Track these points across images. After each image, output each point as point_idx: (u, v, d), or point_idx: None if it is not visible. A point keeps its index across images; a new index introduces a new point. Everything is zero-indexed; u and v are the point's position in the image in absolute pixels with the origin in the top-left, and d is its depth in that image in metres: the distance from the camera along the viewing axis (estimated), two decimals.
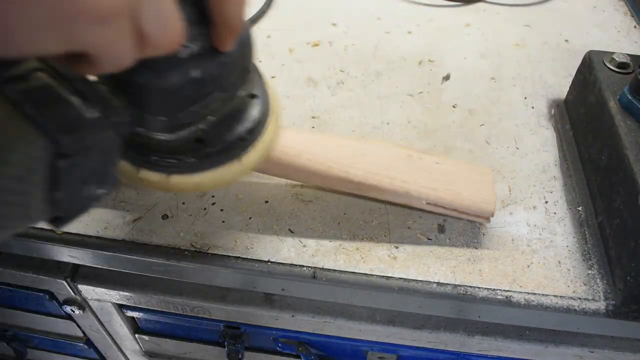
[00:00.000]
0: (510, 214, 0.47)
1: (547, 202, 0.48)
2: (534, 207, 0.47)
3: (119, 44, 0.21)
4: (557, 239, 0.45)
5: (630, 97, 0.44)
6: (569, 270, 0.43)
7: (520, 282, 0.42)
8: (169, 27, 0.23)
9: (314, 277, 0.42)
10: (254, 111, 0.34)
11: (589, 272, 0.43)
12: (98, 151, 0.26)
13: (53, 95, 0.25)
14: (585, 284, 0.42)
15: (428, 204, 0.44)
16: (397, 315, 0.48)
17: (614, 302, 0.41)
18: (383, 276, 0.42)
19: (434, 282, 0.42)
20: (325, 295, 0.44)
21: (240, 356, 0.57)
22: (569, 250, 0.44)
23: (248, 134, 0.34)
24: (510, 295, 0.41)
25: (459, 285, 0.42)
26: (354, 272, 0.42)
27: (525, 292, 0.41)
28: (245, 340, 0.56)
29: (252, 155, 0.35)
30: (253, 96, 0.35)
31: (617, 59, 0.50)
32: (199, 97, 0.30)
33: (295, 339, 0.55)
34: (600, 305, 0.41)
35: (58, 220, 0.26)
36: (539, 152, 0.53)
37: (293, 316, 0.49)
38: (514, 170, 0.51)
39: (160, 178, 0.34)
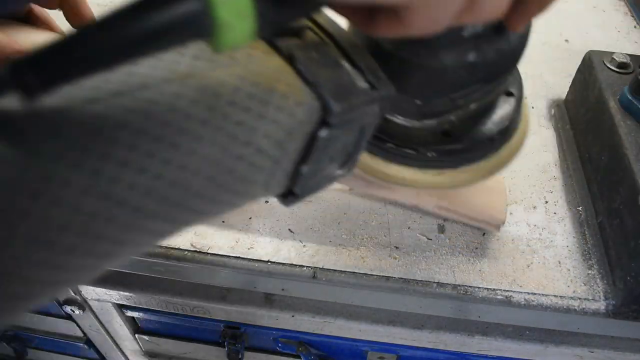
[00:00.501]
0: (510, 214, 0.47)
1: (547, 202, 0.48)
2: (534, 207, 0.47)
3: (452, 1, 0.19)
4: (557, 239, 0.45)
5: (630, 97, 0.44)
6: (569, 270, 0.43)
7: (520, 282, 0.42)
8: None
9: (314, 277, 0.42)
10: (509, 110, 0.30)
11: (589, 272, 0.43)
12: (357, 127, 0.23)
13: (327, 56, 0.22)
14: (585, 284, 0.42)
15: (438, 208, 0.43)
16: (397, 315, 0.48)
17: (614, 302, 0.41)
18: (383, 276, 0.42)
19: (434, 282, 0.42)
20: (325, 295, 0.44)
21: (240, 356, 0.57)
22: (569, 250, 0.44)
23: (499, 134, 0.30)
24: (510, 295, 0.41)
25: (459, 285, 0.42)
26: (354, 272, 0.42)
27: (525, 292, 0.41)
28: (245, 340, 0.56)
29: (498, 158, 0.31)
30: (510, 94, 0.31)
31: (617, 59, 0.50)
32: (464, 84, 0.26)
33: (295, 339, 0.55)
34: (600, 305, 0.41)
35: (289, 196, 0.23)
36: (539, 152, 0.53)
37: (293, 316, 0.49)
38: (514, 170, 0.51)
39: (391, 169, 0.30)
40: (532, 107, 0.58)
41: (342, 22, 0.24)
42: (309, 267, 0.42)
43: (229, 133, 0.19)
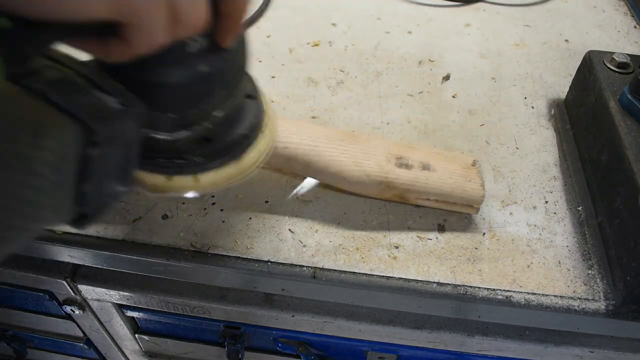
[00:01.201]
0: (510, 214, 0.47)
1: (547, 202, 0.48)
2: (534, 207, 0.47)
3: (157, 14, 0.23)
4: (557, 239, 0.45)
5: (630, 97, 0.44)
6: (569, 270, 0.43)
7: (520, 282, 0.42)
8: (198, 8, 0.25)
9: (314, 277, 0.42)
10: (253, 110, 0.36)
11: (589, 272, 0.43)
12: (122, 142, 0.26)
13: (76, 85, 0.25)
14: (585, 284, 0.42)
15: (408, 190, 0.44)
16: (397, 315, 0.48)
17: (614, 302, 0.41)
18: (383, 276, 0.42)
19: (434, 282, 0.42)
20: (325, 295, 0.44)
21: (240, 356, 0.57)
22: (569, 250, 0.44)
23: (250, 131, 0.35)
24: (510, 295, 0.41)
25: (459, 285, 0.42)
26: (354, 272, 0.42)
27: (525, 292, 0.41)
28: (245, 340, 0.56)
29: (253, 154, 0.36)
30: (250, 96, 0.36)
31: (617, 59, 0.50)
32: (205, 93, 0.31)
33: (295, 339, 0.55)
34: (600, 305, 0.41)
35: (82, 219, 0.26)
36: (539, 152, 0.53)
37: (293, 316, 0.49)
38: (514, 170, 0.51)
39: (164, 180, 0.34)
40: (532, 107, 0.58)
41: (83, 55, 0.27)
42: (309, 267, 0.42)
43: (8, 164, 0.21)
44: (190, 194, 0.35)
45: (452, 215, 0.46)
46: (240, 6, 0.28)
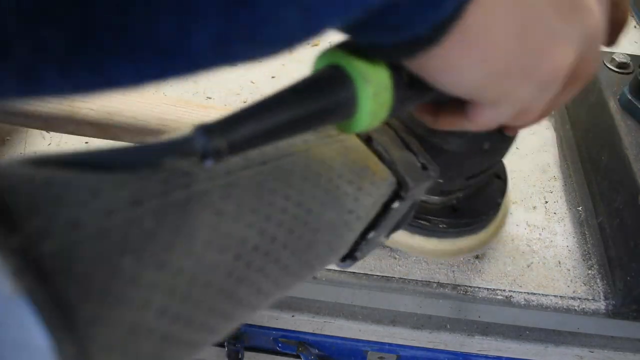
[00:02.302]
0: (511, 214, 0.47)
1: (547, 202, 0.48)
2: (534, 207, 0.47)
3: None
4: (557, 239, 0.45)
5: (630, 97, 0.44)
6: (569, 270, 0.43)
7: (520, 282, 0.42)
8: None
9: (314, 277, 0.42)
10: (498, 191, 0.37)
11: (589, 272, 0.43)
12: (412, 201, 0.26)
13: (393, 139, 0.26)
14: (585, 284, 0.42)
15: None
16: (397, 315, 0.48)
17: (614, 302, 0.41)
18: (383, 276, 0.42)
19: (434, 282, 0.42)
20: (325, 295, 0.44)
21: (240, 356, 0.57)
22: (569, 250, 0.44)
23: (491, 211, 0.36)
24: (510, 295, 0.41)
25: (459, 285, 0.42)
26: (354, 272, 0.42)
27: (525, 292, 0.41)
28: (245, 340, 0.56)
29: (490, 230, 0.37)
30: (498, 177, 0.37)
31: (617, 59, 0.50)
32: (477, 167, 0.32)
33: (295, 339, 0.55)
34: (600, 305, 0.41)
35: (348, 259, 0.26)
36: (539, 152, 0.53)
37: (293, 316, 0.49)
38: (514, 170, 0.51)
39: (406, 236, 0.35)
40: None
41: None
42: None
43: (339, 202, 0.22)
44: (420, 255, 0.37)
45: None
46: (527, 124, 0.26)
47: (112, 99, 0.41)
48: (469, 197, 0.35)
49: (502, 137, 0.30)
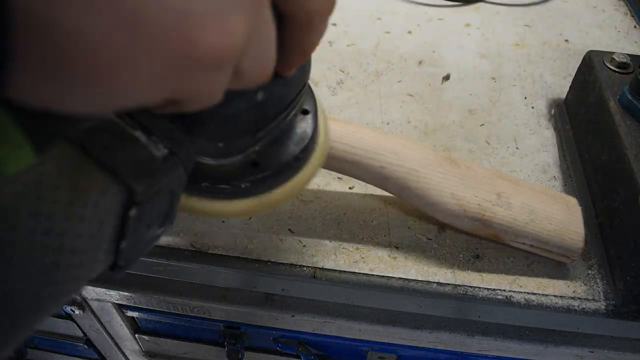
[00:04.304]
0: None
1: None
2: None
3: (219, 85, 0.19)
4: None
5: (630, 97, 0.44)
6: (569, 270, 0.43)
7: (520, 282, 0.42)
8: (265, 63, 0.21)
9: (314, 277, 0.42)
10: (307, 128, 0.32)
11: (589, 272, 0.43)
12: (167, 192, 0.23)
13: (120, 132, 0.22)
14: (585, 284, 0.42)
15: (500, 229, 0.41)
16: (397, 315, 0.48)
17: (614, 302, 0.41)
18: (383, 276, 0.42)
19: (434, 282, 0.42)
20: (325, 295, 0.44)
21: (240, 356, 0.57)
22: None
23: (302, 153, 0.32)
24: (510, 295, 0.41)
25: (459, 285, 0.42)
26: (354, 272, 0.42)
27: (525, 292, 0.41)
28: (245, 340, 0.56)
29: (304, 174, 0.33)
30: (305, 112, 0.33)
31: (617, 59, 0.50)
32: (259, 120, 0.28)
33: (295, 339, 0.55)
34: (600, 305, 0.41)
35: (115, 269, 0.24)
36: (539, 152, 0.53)
37: (293, 316, 0.49)
38: (514, 170, 0.51)
39: (211, 205, 0.32)
40: (532, 107, 0.58)
41: None
42: (309, 267, 0.42)
43: (38, 244, 0.18)
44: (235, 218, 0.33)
45: None
46: (313, 40, 0.23)
47: None
48: (271, 147, 0.30)
49: (276, 82, 0.26)
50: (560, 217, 0.42)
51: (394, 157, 0.41)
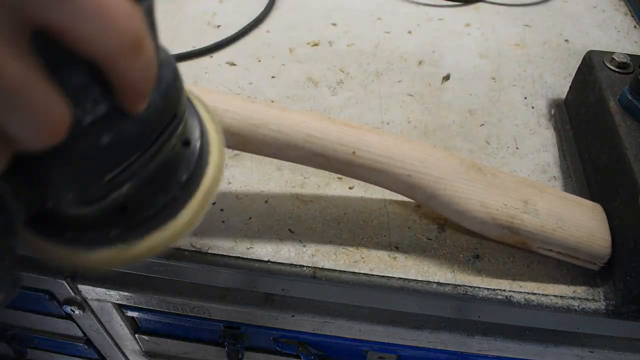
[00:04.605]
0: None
1: None
2: None
3: None
4: None
5: (630, 97, 0.44)
6: (569, 270, 0.43)
7: (520, 282, 0.42)
8: (43, 122, 0.17)
9: (314, 277, 0.42)
10: (188, 161, 0.28)
11: (589, 272, 0.43)
12: None
13: None
14: (585, 284, 0.42)
15: (529, 239, 0.41)
16: (397, 315, 0.48)
17: (614, 302, 0.41)
18: (383, 276, 0.42)
19: (434, 282, 0.42)
20: (325, 295, 0.44)
21: (240, 356, 0.57)
22: None
23: (181, 190, 0.28)
24: (510, 295, 0.41)
25: (459, 285, 0.42)
26: (354, 272, 0.42)
27: (525, 292, 0.41)
28: (245, 340, 0.56)
29: (188, 211, 0.28)
30: (186, 143, 0.28)
31: (617, 59, 0.50)
32: (115, 163, 0.24)
33: (295, 339, 0.55)
34: (600, 305, 0.41)
35: None
36: (539, 152, 0.53)
37: (293, 316, 0.49)
38: (514, 170, 0.51)
39: (82, 256, 0.27)
40: (532, 107, 0.58)
41: None
42: (309, 267, 0.42)
43: None
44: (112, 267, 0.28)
45: None
46: (140, 76, 0.20)
47: (256, 110, 0.39)
48: (144, 187, 0.26)
49: (126, 119, 0.22)
50: (587, 223, 0.41)
51: (420, 165, 0.40)
